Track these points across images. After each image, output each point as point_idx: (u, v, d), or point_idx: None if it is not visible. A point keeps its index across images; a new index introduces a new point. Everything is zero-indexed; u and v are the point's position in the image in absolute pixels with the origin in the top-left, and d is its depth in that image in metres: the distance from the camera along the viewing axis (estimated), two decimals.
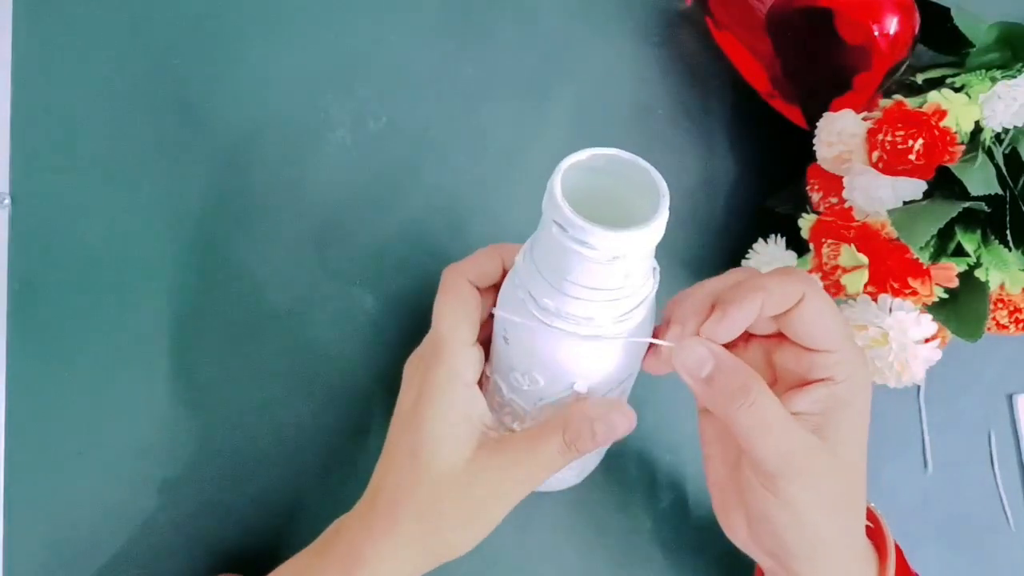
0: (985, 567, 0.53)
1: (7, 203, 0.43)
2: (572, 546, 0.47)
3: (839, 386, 0.34)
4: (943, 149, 0.41)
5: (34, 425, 0.42)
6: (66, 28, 0.45)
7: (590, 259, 0.30)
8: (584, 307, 0.32)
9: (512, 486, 0.36)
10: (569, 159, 0.31)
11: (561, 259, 0.31)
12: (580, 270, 0.31)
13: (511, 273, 0.35)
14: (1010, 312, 0.43)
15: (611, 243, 0.30)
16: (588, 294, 0.31)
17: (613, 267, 0.30)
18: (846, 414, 0.34)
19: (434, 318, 0.37)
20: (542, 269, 0.32)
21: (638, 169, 0.32)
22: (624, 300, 0.32)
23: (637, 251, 0.30)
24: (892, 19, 0.44)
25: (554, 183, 0.30)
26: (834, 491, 0.35)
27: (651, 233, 0.30)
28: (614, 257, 0.30)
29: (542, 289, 0.32)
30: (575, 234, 0.30)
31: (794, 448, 0.34)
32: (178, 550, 0.43)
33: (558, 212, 0.30)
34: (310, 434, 0.45)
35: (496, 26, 0.51)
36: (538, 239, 0.33)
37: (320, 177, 0.47)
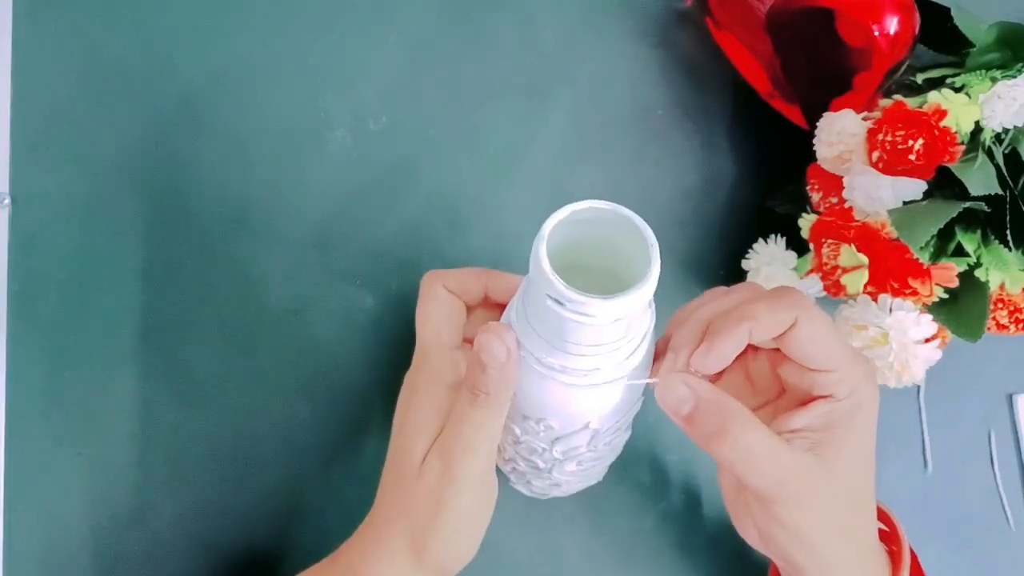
0: (985, 567, 0.53)
1: (7, 203, 0.43)
2: (574, 546, 0.47)
3: (840, 403, 0.34)
4: (943, 149, 0.41)
5: (34, 425, 0.42)
6: (66, 28, 0.45)
7: (590, 325, 0.30)
8: (588, 361, 0.32)
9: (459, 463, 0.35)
10: (550, 220, 0.30)
11: (559, 326, 0.30)
12: (580, 334, 0.30)
13: (507, 308, 0.35)
14: (1010, 312, 0.43)
15: (609, 310, 0.29)
16: (591, 351, 0.31)
17: (614, 327, 0.30)
18: (847, 431, 0.34)
19: (417, 327, 0.38)
20: (539, 331, 0.32)
21: (622, 219, 0.31)
22: (626, 345, 0.32)
23: (635, 309, 0.30)
24: (892, 19, 0.44)
25: (539, 252, 0.29)
26: (834, 510, 0.35)
27: (647, 290, 0.30)
28: (615, 320, 0.30)
29: (543, 349, 0.32)
30: (572, 307, 0.29)
31: (786, 474, 0.33)
32: (178, 550, 0.43)
33: (550, 287, 0.29)
34: (310, 434, 0.45)
35: (496, 26, 0.51)
36: (529, 302, 0.32)
37: (320, 177, 0.47)
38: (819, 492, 0.34)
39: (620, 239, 0.31)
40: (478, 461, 0.35)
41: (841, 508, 0.35)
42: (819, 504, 0.34)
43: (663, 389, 0.33)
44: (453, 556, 0.36)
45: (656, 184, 0.52)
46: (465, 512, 0.35)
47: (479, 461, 0.35)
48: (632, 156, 0.52)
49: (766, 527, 0.35)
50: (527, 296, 0.32)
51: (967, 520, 0.53)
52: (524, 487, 0.43)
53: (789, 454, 0.34)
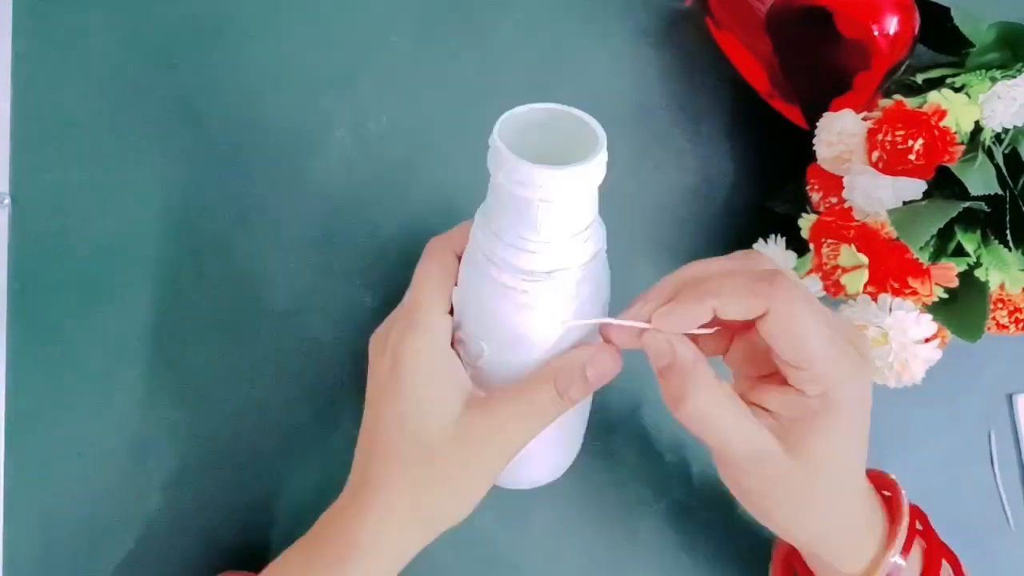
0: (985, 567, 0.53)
1: (7, 203, 0.43)
2: (574, 546, 0.47)
3: (810, 400, 0.33)
4: (943, 149, 0.41)
5: (34, 425, 0.42)
6: (66, 28, 0.45)
7: (519, 198, 0.30)
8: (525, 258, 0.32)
9: (505, 443, 0.35)
10: (509, 111, 0.32)
11: (509, 207, 0.31)
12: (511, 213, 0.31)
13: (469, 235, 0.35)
14: (1010, 312, 0.43)
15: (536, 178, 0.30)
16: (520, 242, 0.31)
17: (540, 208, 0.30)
18: (814, 430, 0.33)
19: (413, 284, 0.37)
20: (488, 220, 0.33)
21: (577, 121, 0.32)
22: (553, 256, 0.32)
23: (565, 191, 0.30)
24: (892, 19, 0.44)
25: (493, 137, 0.31)
26: (799, 495, 0.34)
27: (591, 168, 0.30)
28: (541, 199, 0.30)
29: (486, 238, 0.33)
30: (507, 172, 0.30)
31: (746, 448, 0.33)
32: (178, 549, 0.43)
33: (493, 151, 0.30)
34: (310, 433, 0.45)
35: (496, 26, 0.51)
36: (488, 198, 0.33)
37: (320, 177, 0.47)
38: (781, 476, 0.34)
39: (579, 145, 0.32)
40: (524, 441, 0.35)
41: (808, 495, 0.34)
42: (782, 486, 0.34)
43: (649, 338, 0.33)
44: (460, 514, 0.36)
45: (656, 184, 0.52)
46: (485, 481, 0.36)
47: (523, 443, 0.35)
48: (632, 156, 0.52)
49: (737, 494, 0.36)
50: (486, 202, 0.33)
51: (967, 520, 0.53)
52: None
53: (752, 431, 0.33)
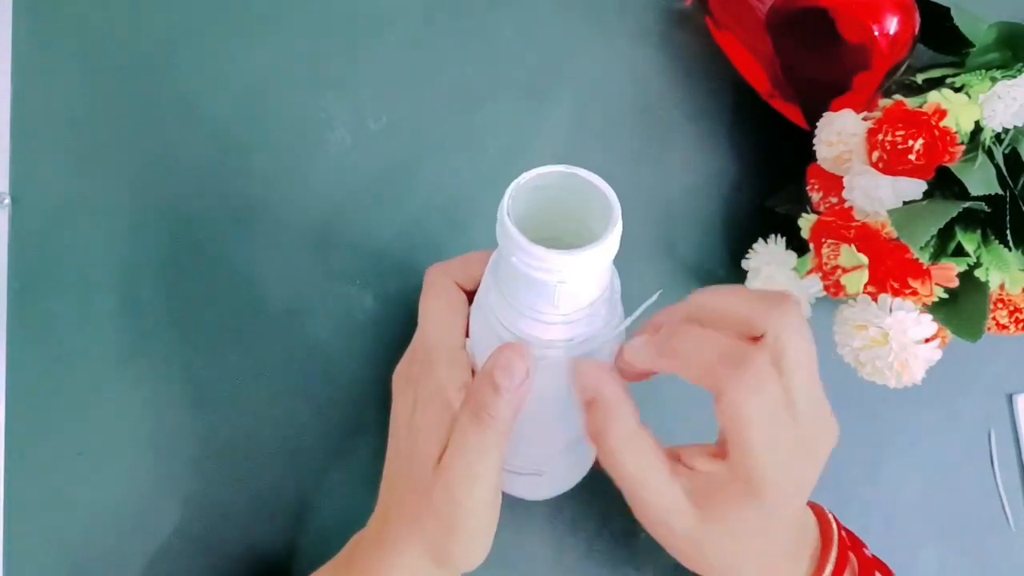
0: (985, 567, 0.53)
1: (7, 203, 0.43)
2: (574, 546, 0.47)
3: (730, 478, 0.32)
4: (943, 149, 0.41)
5: (34, 425, 0.42)
6: (66, 28, 0.45)
7: (535, 279, 0.29)
8: (541, 329, 0.31)
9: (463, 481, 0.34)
10: (515, 182, 0.30)
11: (522, 286, 0.30)
12: (545, 295, 0.30)
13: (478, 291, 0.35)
14: (1010, 312, 0.43)
15: (553, 263, 0.29)
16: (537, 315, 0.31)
17: (558, 289, 0.30)
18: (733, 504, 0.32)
19: (421, 321, 0.37)
20: (506, 296, 0.32)
21: (589, 185, 0.30)
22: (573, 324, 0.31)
23: (583, 272, 0.29)
24: (892, 19, 0.44)
25: (503, 212, 0.29)
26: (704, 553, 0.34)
27: (605, 248, 0.29)
28: (559, 281, 0.29)
29: (509, 315, 0.32)
30: (521, 256, 0.29)
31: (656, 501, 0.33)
32: (178, 549, 0.43)
33: (511, 242, 0.29)
34: (310, 434, 0.45)
35: (496, 26, 0.51)
36: (498, 268, 0.32)
37: (320, 177, 0.47)
38: (688, 535, 0.33)
39: (591, 208, 0.31)
40: (486, 487, 0.34)
41: (716, 558, 0.34)
42: (690, 545, 0.34)
43: (579, 368, 0.33)
44: (473, 559, 0.36)
45: (656, 184, 0.52)
46: (478, 528, 0.35)
47: (487, 487, 0.34)
48: (632, 156, 0.52)
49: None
50: (497, 265, 0.32)
51: (967, 520, 0.53)
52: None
53: (662, 484, 0.33)
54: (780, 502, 0.33)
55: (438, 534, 0.34)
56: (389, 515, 0.36)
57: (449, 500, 0.34)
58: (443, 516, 0.34)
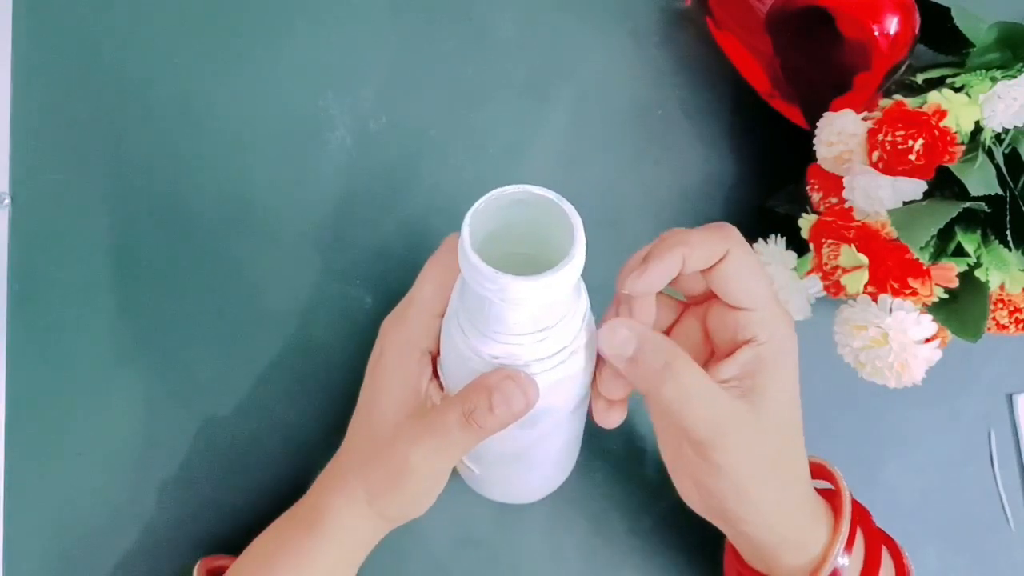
0: (985, 567, 0.53)
1: (7, 203, 0.43)
2: (573, 546, 0.47)
3: (763, 347, 0.35)
4: (943, 149, 0.41)
5: (34, 425, 0.42)
6: (66, 28, 0.45)
7: (512, 308, 0.29)
8: (505, 349, 0.31)
9: (427, 457, 0.35)
10: (474, 206, 0.30)
11: (485, 310, 0.30)
12: (506, 317, 0.30)
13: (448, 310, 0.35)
14: (1010, 312, 0.43)
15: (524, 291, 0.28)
16: (517, 339, 0.31)
17: (519, 310, 0.30)
18: (771, 375, 0.35)
19: (417, 280, 0.37)
20: (470, 317, 0.32)
21: (548, 203, 0.30)
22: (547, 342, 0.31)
23: (544, 296, 0.29)
24: (892, 19, 0.44)
25: (463, 235, 0.29)
26: (764, 455, 0.35)
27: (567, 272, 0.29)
28: (517, 302, 0.29)
29: (473, 335, 0.32)
30: (491, 288, 0.29)
31: (719, 416, 0.34)
32: (178, 550, 0.43)
33: (472, 269, 0.29)
34: (310, 434, 0.45)
35: (496, 26, 0.51)
36: (463, 289, 0.32)
37: (320, 177, 0.47)
38: (752, 437, 0.35)
39: (554, 225, 0.31)
40: (443, 463, 0.36)
41: (773, 453, 0.35)
42: (752, 449, 0.35)
43: (606, 334, 0.34)
44: (408, 516, 0.38)
45: (656, 184, 0.52)
46: (422, 491, 0.37)
47: (443, 464, 0.36)
48: (632, 156, 0.52)
49: (704, 477, 0.36)
50: (462, 284, 0.32)
51: (967, 520, 0.53)
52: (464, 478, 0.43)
53: (725, 399, 0.34)
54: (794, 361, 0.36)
55: (382, 485, 0.36)
56: (342, 456, 0.38)
57: (403, 462, 0.35)
58: (392, 473, 0.36)
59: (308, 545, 0.37)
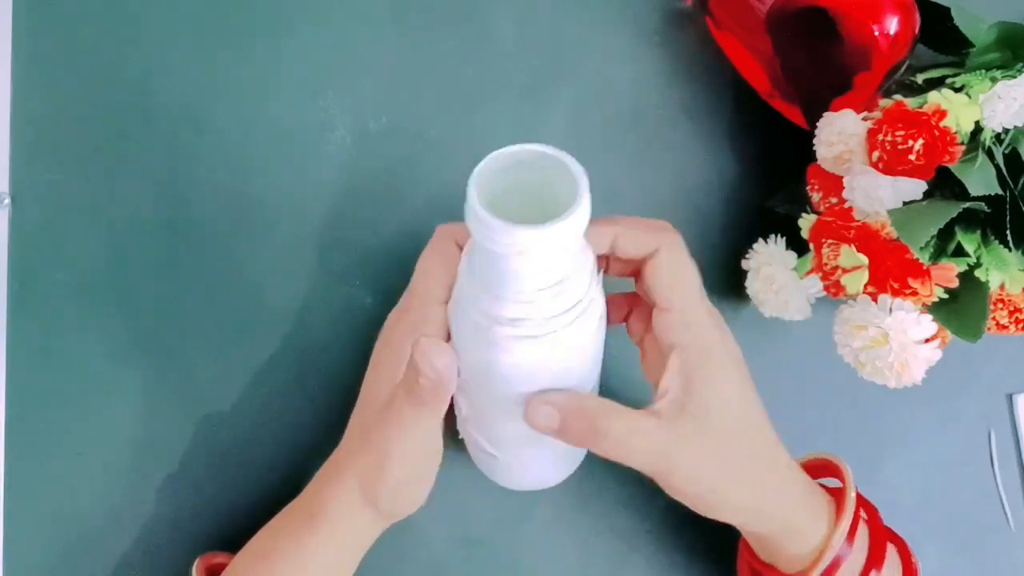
0: (985, 567, 0.53)
1: (7, 203, 0.43)
2: (571, 546, 0.47)
3: (686, 352, 0.35)
4: (943, 149, 0.41)
5: (34, 425, 0.42)
6: (66, 28, 0.45)
7: (522, 260, 0.29)
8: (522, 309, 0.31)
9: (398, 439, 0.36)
10: (479, 165, 0.31)
11: (494, 266, 0.30)
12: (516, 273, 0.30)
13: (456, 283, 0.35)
14: (1010, 312, 0.43)
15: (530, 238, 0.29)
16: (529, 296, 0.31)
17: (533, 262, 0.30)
18: (703, 382, 0.35)
19: (415, 272, 0.38)
20: (479, 279, 0.32)
21: (555, 161, 0.30)
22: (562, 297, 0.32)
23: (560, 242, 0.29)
24: (892, 19, 0.44)
25: (469, 191, 0.30)
26: (724, 462, 0.35)
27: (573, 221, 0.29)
28: (530, 252, 0.29)
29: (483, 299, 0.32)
30: (494, 236, 0.29)
31: (660, 446, 0.34)
32: (178, 550, 0.43)
33: (477, 221, 0.29)
34: (310, 434, 0.45)
35: (496, 26, 0.51)
36: (472, 253, 0.32)
37: (320, 177, 0.47)
38: (702, 452, 0.35)
39: (557, 182, 0.31)
40: (411, 443, 0.36)
41: (736, 456, 0.36)
42: (708, 463, 0.35)
43: (530, 412, 0.34)
44: (399, 507, 0.38)
45: (656, 184, 0.52)
46: (404, 478, 0.37)
47: (413, 444, 0.36)
48: (632, 156, 0.52)
49: (679, 497, 0.36)
50: (472, 253, 0.32)
51: (967, 520, 0.53)
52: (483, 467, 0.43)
53: (659, 429, 0.34)
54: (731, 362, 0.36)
55: (369, 471, 0.36)
56: (340, 448, 0.39)
57: (383, 447, 0.36)
58: (377, 459, 0.36)
59: (307, 538, 0.37)
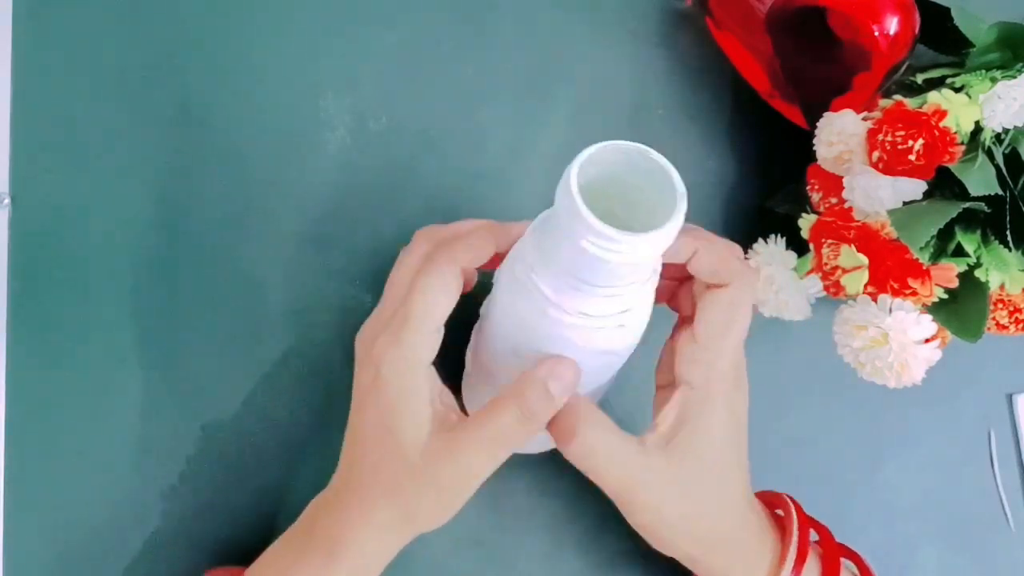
0: (985, 567, 0.53)
1: (7, 203, 0.43)
2: (571, 545, 0.47)
3: (693, 393, 0.35)
4: (943, 149, 0.41)
5: (34, 425, 0.42)
6: (66, 28, 0.45)
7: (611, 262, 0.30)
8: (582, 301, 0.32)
9: (469, 468, 0.35)
10: (580, 157, 0.31)
11: (586, 265, 0.30)
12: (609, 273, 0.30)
13: (513, 258, 0.35)
14: (1010, 312, 0.43)
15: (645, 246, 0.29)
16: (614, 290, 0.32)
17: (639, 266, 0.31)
18: (696, 424, 0.35)
19: (409, 291, 0.36)
20: (552, 265, 0.32)
21: (648, 160, 0.31)
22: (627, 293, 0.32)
23: (655, 250, 0.30)
24: (892, 19, 0.44)
25: (572, 192, 0.29)
26: (687, 505, 0.36)
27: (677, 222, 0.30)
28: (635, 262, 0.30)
29: (554, 284, 0.32)
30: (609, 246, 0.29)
31: (629, 475, 0.35)
32: (178, 550, 0.43)
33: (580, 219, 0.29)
34: (310, 434, 0.45)
35: (496, 26, 0.51)
36: (550, 245, 0.32)
37: (320, 177, 0.47)
38: (668, 491, 0.35)
39: (641, 184, 0.32)
40: (494, 466, 0.35)
41: (700, 499, 0.36)
42: (670, 504, 0.35)
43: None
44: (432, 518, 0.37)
45: None
46: (461, 504, 0.36)
47: (494, 466, 0.35)
48: None
49: (636, 528, 0.37)
50: (547, 239, 0.32)
51: (967, 520, 0.53)
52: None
53: (636, 456, 0.35)
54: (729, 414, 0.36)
55: (428, 507, 0.36)
56: (352, 479, 0.37)
57: (450, 479, 0.35)
58: (440, 492, 0.35)
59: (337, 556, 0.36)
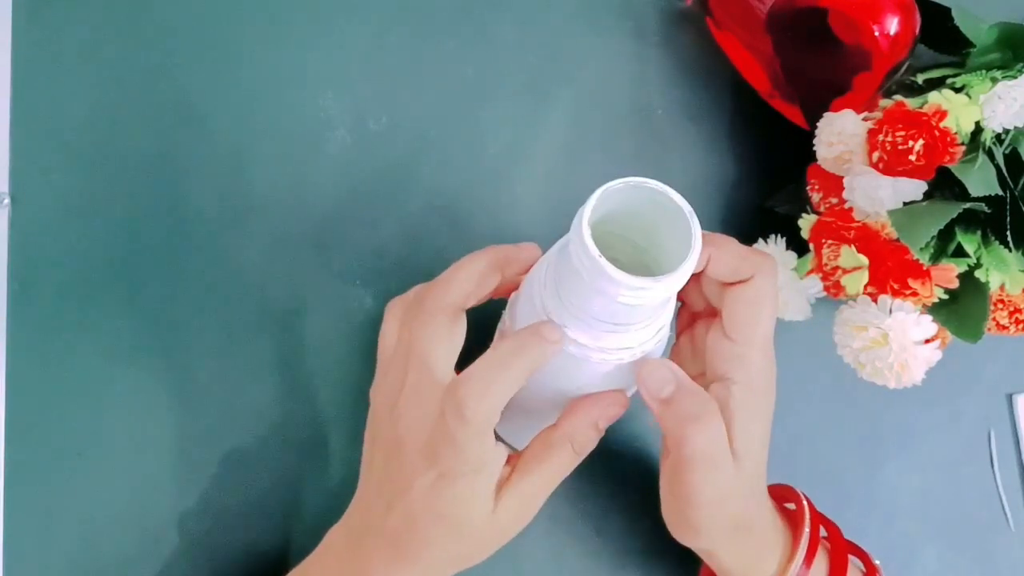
0: (985, 567, 0.53)
1: (7, 203, 0.43)
2: (574, 545, 0.47)
3: (735, 387, 0.35)
4: (943, 150, 0.41)
5: (34, 425, 0.42)
6: (66, 28, 0.45)
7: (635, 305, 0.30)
8: (619, 339, 0.33)
9: (536, 506, 0.37)
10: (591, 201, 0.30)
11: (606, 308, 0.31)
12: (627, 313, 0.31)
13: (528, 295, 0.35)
14: (1010, 312, 0.43)
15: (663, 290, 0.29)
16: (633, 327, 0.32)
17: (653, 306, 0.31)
18: (740, 422, 0.35)
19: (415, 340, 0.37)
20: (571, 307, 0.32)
21: (660, 195, 0.31)
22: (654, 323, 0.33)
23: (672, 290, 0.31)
24: (892, 19, 0.44)
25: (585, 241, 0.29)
26: (734, 508, 0.37)
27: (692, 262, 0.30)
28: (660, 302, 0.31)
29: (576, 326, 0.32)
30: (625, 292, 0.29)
31: (717, 479, 0.35)
32: (178, 550, 0.43)
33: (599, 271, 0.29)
34: (310, 434, 0.45)
35: (496, 26, 0.51)
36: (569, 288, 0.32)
37: (320, 177, 0.47)
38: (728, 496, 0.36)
39: (639, 209, 0.32)
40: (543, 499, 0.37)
41: (741, 504, 0.37)
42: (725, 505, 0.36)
43: (646, 370, 0.34)
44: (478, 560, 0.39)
45: None
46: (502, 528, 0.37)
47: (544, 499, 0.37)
48: (632, 156, 0.52)
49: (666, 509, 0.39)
50: (563, 280, 0.32)
51: (967, 520, 0.53)
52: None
53: (728, 466, 0.35)
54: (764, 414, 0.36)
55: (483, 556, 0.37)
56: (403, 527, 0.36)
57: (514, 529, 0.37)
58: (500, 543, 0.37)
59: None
